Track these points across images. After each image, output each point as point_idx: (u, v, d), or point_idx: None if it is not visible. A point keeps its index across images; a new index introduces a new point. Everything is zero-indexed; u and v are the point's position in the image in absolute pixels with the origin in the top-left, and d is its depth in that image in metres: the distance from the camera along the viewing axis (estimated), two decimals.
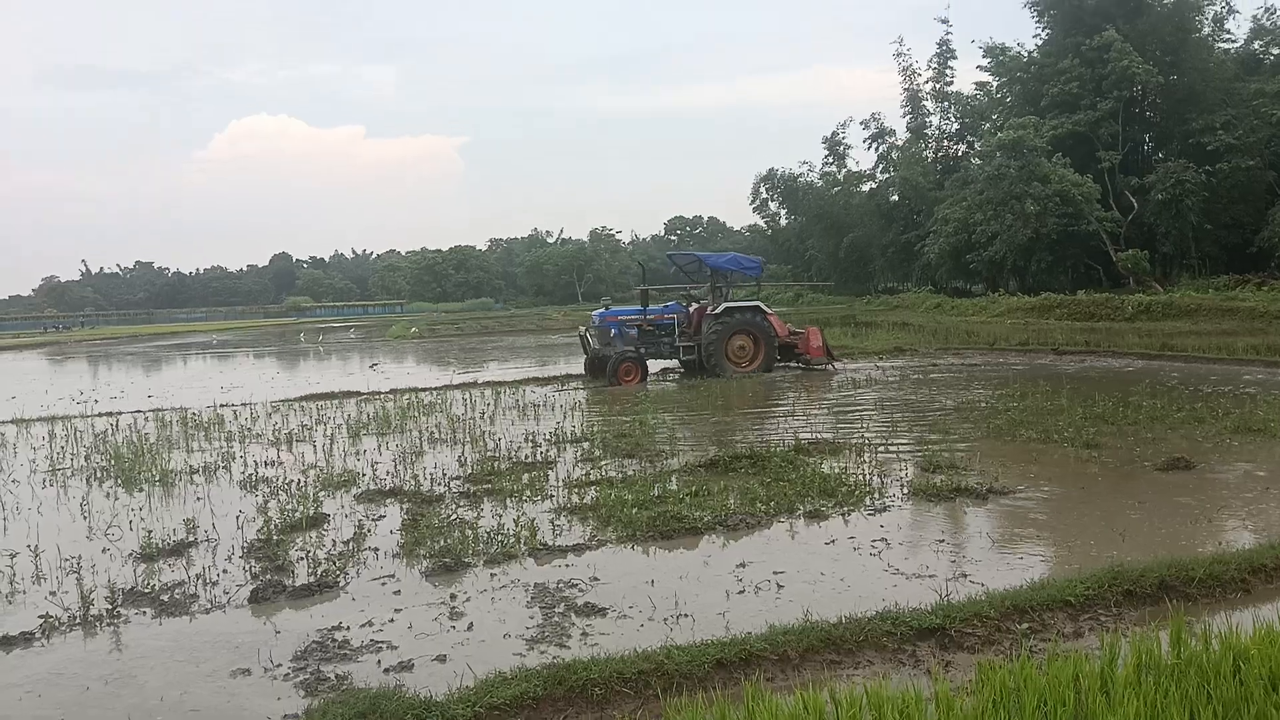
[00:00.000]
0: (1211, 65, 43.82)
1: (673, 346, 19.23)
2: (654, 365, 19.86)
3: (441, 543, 6.93)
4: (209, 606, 5.95)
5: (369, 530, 7.50)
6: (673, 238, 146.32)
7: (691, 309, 19.93)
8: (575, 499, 8.18)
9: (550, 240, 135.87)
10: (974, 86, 60.78)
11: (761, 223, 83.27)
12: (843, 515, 7.48)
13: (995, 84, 55.52)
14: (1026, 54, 50.97)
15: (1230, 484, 8.10)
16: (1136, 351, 19.65)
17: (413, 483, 9.10)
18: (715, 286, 20.19)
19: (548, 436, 11.60)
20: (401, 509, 8.14)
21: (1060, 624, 4.97)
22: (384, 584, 6.24)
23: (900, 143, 64.41)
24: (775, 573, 6.12)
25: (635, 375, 18.05)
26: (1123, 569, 5.42)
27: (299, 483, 9.32)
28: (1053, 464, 9.10)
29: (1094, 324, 29.43)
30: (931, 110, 63.11)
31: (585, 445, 10.97)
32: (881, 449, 10.10)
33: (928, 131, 63.44)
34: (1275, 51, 44.87)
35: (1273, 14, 46.09)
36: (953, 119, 62.76)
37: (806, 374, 18.56)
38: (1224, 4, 45.98)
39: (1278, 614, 4.59)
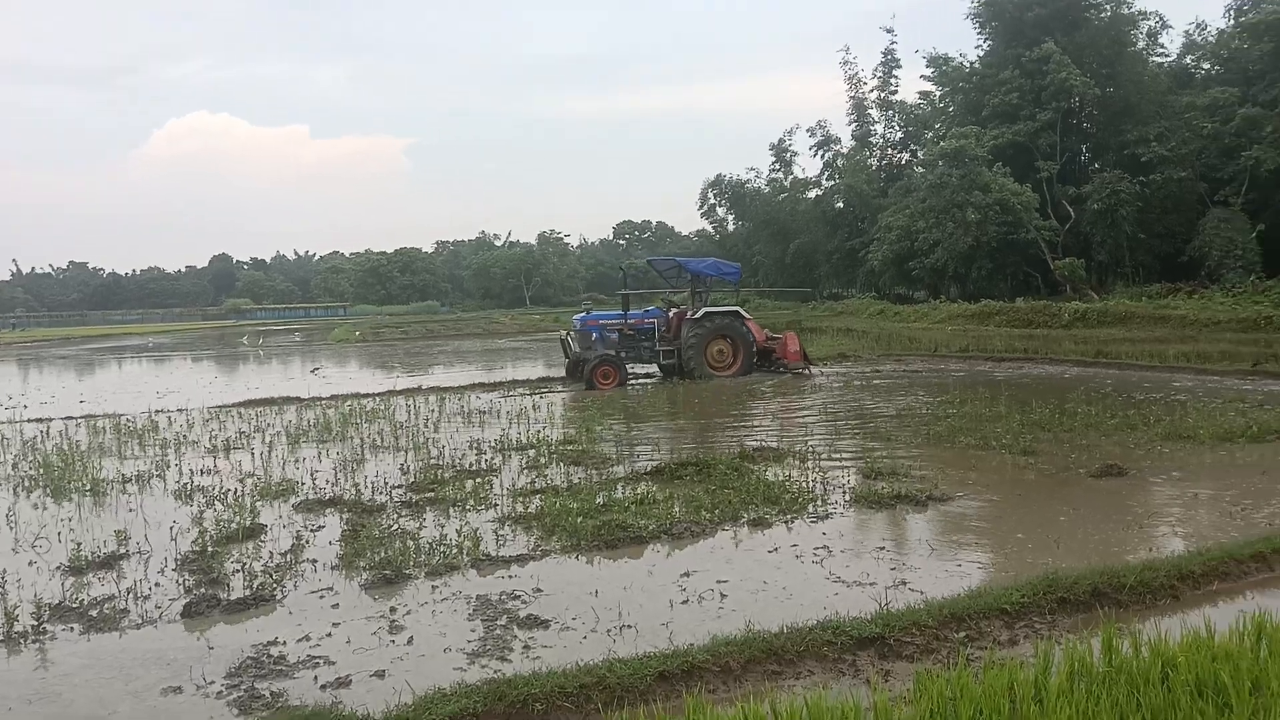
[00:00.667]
0: (1146, 78, 45.15)
1: (653, 351, 19.50)
2: (636, 370, 19.95)
3: (382, 554, 6.83)
4: (140, 621, 5.78)
5: (307, 541, 7.37)
6: (620, 242, 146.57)
7: (671, 314, 20.11)
8: (520, 508, 8.12)
9: (498, 243, 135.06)
10: (918, 96, 61.87)
11: (710, 228, 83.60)
12: (786, 523, 7.54)
13: (938, 94, 56.60)
14: (969, 65, 52.01)
15: (1161, 490, 8.33)
16: (1073, 359, 20.12)
17: (353, 492, 8.98)
18: (695, 291, 20.52)
19: (493, 443, 11.54)
20: (341, 519, 8.02)
21: (996, 632, 5.06)
22: (322, 597, 6.13)
23: (845, 150, 65.28)
24: (719, 582, 6.14)
25: (613, 378, 18.16)
26: (1057, 577, 5.54)
27: (236, 492, 9.14)
28: (991, 470, 9.27)
29: (1032, 331, 30.10)
30: (876, 119, 64.14)
31: (531, 453, 10.91)
32: (825, 456, 10.19)
33: (872, 140, 64.42)
34: (1205, 66, 46.46)
35: (1203, 29, 47.79)
36: (897, 128, 63.81)
37: (763, 380, 18.72)
38: (1158, 19, 47.57)
39: (1204, 621, 4.72)
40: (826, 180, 67.22)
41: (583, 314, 20.23)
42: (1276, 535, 6.35)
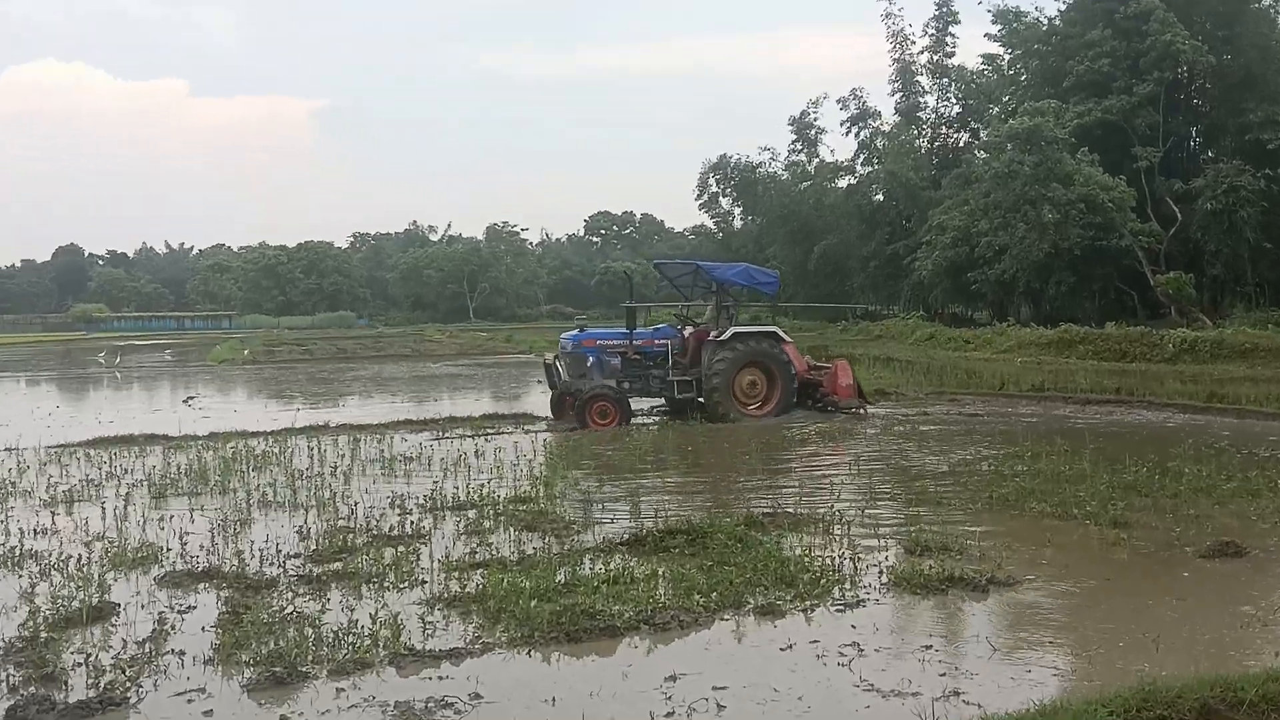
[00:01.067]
0: (1274, 43, 45.90)
1: (664, 380, 19.67)
2: (639, 405, 20.09)
3: (272, 645, 6.77)
4: None
5: (174, 626, 7.30)
6: (594, 239, 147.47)
7: (686, 333, 20.29)
8: (455, 586, 8.08)
9: (433, 238, 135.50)
10: (980, 60, 62.97)
11: (710, 223, 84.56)
12: (804, 611, 7.51)
13: (1007, 57, 57.53)
14: (1047, 21, 52.92)
15: None
16: (1178, 402, 20.32)
17: (235, 562, 8.91)
18: (722, 306, 20.60)
19: (421, 501, 11.50)
20: (219, 597, 7.95)
21: None
22: (191, 701, 6.06)
23: (887, 128, 66.16)
24: (715, 688, 6.11)
25: (613, 417, 18.37)
26: (1155, 688, 5.54)
27: (80, 560, 9.04)
28: (1071, 547, 9.29)
29: (1125, 365, 30.39)
30: (927, 88, 65.10)
31: (471, 513, 10.89)
32: (856, 523, 10.18)
33: (922, 115, 65.32)
34: None
35: None
36: (953, 100, 64.79)
37: (804, 422, 18.88)
38: None
39: None
40: (862, 165, 68.11)
41: (574, 332, 20.42)
42: None
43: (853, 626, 7.21)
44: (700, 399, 19.50)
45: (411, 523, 10.45)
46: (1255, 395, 20.43)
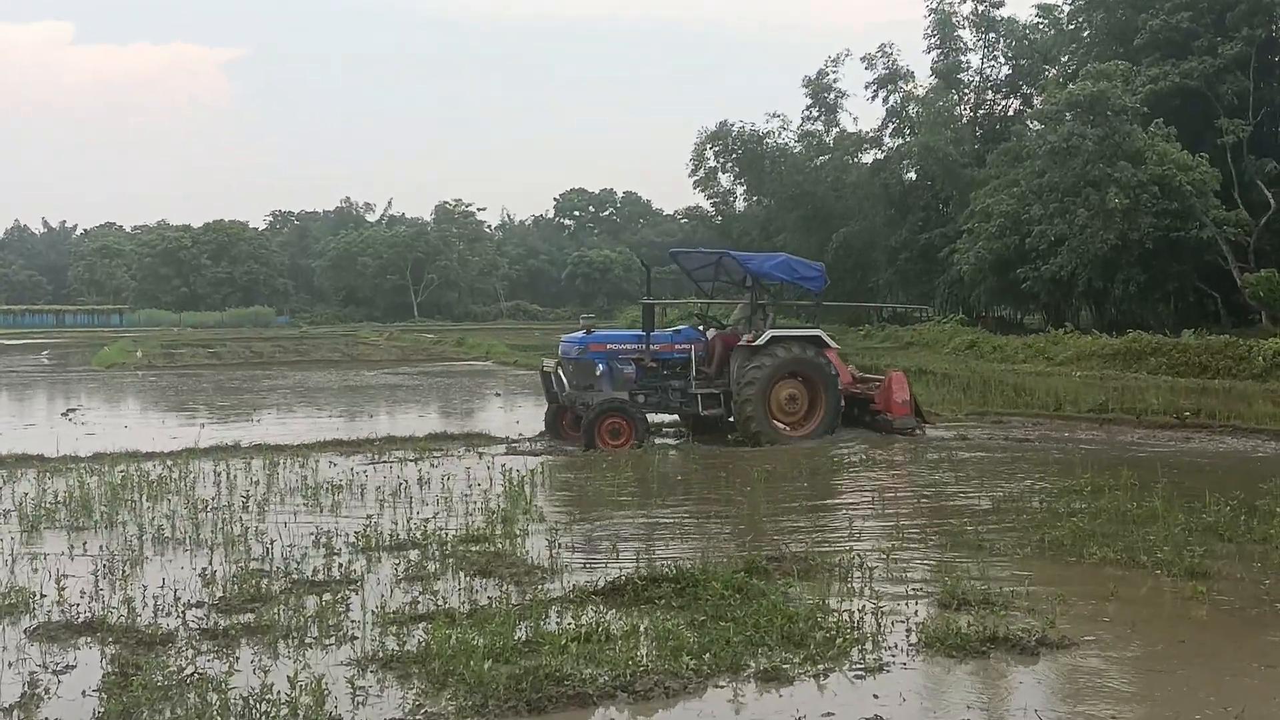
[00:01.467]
0: None
1: (685, 394, 19.76)
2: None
3: (168, 714, 6.75)
4: None
5: (47, 690, 7.28)
6: (567, 221, 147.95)
7: (709, 336, 20.43)
8: (392, 643, 8.06)
9: (370, 219, 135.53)
10: (1035, 12, 63.33)
11: (707, 204, 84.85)
12: (816, 678, 7.52)
13: (1067, 9, 57.89)
14: None
15: None
16: (1269, 428, 20.40)
17: (124, 611, 8.86)
18: (758, 304, 20.73)
19: (352, 539, 11.47)
20: (104, 655, 7.92)
21: None
22: None
23: (921, 92, 66.43)
24: None
25: (626, 435, 18.54)
26: None
27: None
28: (1139, 601, 9.34)
29: (1207, 382, 30.49)
30: (970, 45, 65.53)
31: (413, 554, 10.88)
32: (879, 570, 10.21)
33: (963, 77, 65.73)
34: None
35: None
36: (1002, 60, 65.22)
37: (850, 441, 19.28)
38: None
39: None
40: (891, 137, 68.57)
41: (580, 334, 20.47)
42: None
43: (875, 696, 7.21)
44: (729, 416, 19.62)
45: (340, 565, 10.39)
46: None
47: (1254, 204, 45.22)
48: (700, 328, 20.90)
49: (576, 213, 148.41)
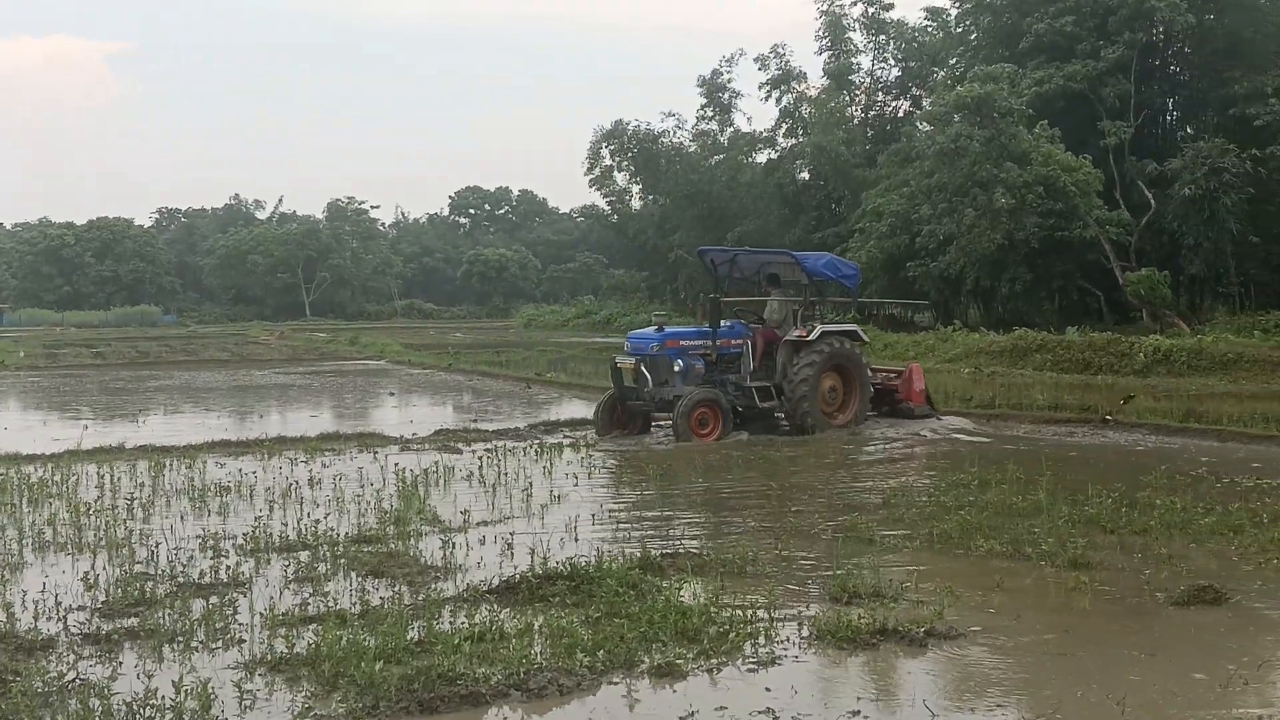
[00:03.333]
0: (1264, 3, 47.52)
1: (740, 387, 20.64)
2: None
3: None
4: None
5: None
6: (462, 220, 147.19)
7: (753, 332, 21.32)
8: (281, 646, 7.98)
9: (260, 216, 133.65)
10: (924, 15, 64.25)
11: (603, 203, 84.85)
12: (709, 672, 7.56)
13: (954, 12, 58.76)
14: None
15: (1278, 627, 8.72)
16: (1150, 422, 20.86)
17: (3, 617, 8.70)
18: (810, 301, 22.06)
19: (240, 541, 11.36)
20: None
21: None
22: None
23: (814, 93, 67.07)
24: None
25: (713, 427, 19.54)
26: None
27: None
28: (1024, 592, 9.50)
29: (1090, 378, 31.15)
30: (861, 47, 66.30)
31: (303, 555, 10.79)
32: (771, 565, 10.32)
33: (855, 79, 66.48)
34: None
35: None
36: (891, 61, 66.19)
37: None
38: None
39: None
40: (785, 137, 69.03)
41: (650, 330, 21.04)
42: None
43: (767, 689, 7.26)
44: (776, 410, 20.68)
45: (227, 568, 10.29)
46: (1238, 414, 21.01)
47: (1135, 204, 46.25)
48: (745, 323, 21.72)
49: (472, 211, 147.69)
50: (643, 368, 20.23)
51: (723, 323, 20.93)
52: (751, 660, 7.78)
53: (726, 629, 8.27)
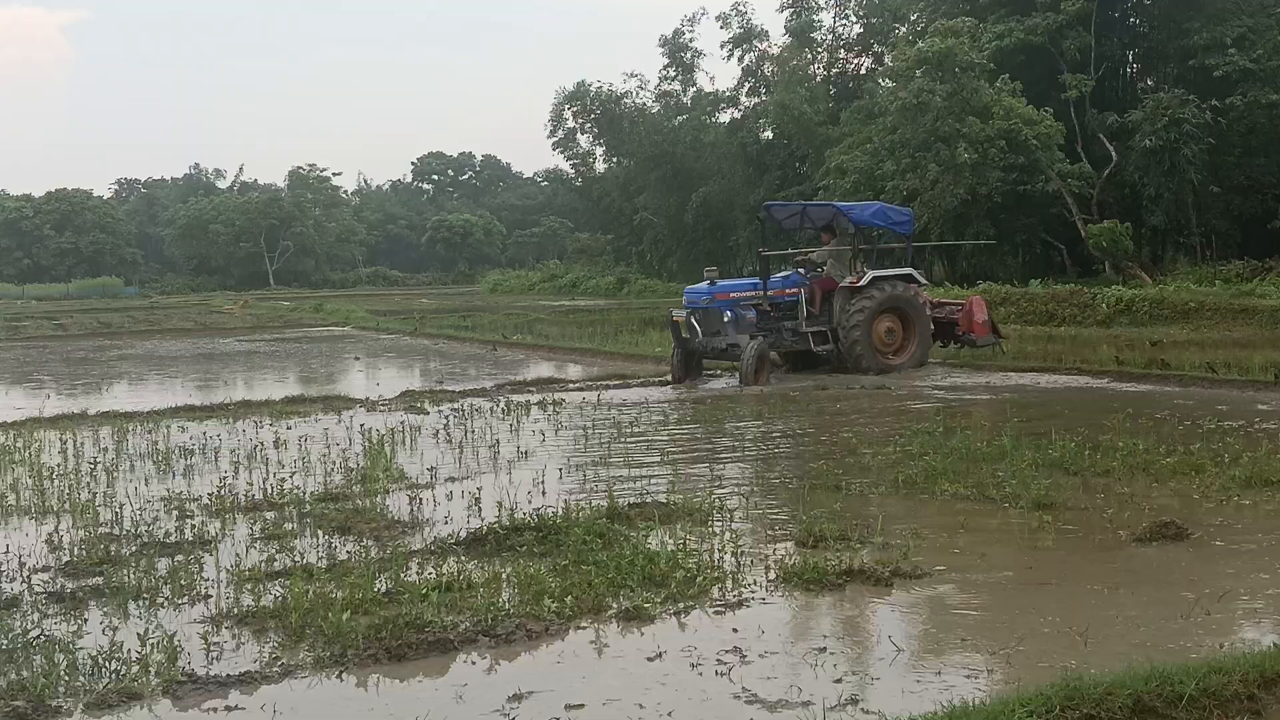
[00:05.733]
0: None
1: (796, 332, 22.12)
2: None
3: (13, 675, 6.63)
4: None
5: None
6: (425, 186, 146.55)
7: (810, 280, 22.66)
8: (249, 600, 8.01)
9: (221, 185, 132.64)
10: None
11: (567, 166, 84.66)
12: (677, 615, 7.62)
13: None
14: None
15: (1236, 560, 8.82)
16: (1113, 369, 21.11)
17: None
18: (860, 249, 23.21)
19: (206, 501, 11.36)
20: None
21: None
22: None
23: (776, 52, 66.93)
24: (569, 708, 6.15)
25: (763, 373, 20.86)
26: (1082, 685, 5.76)
27: None
28: (988, 533, 9.61)
29: (1054, 329, 31.42)
30: (823, 4, 66.11)
31: (270, 515, 10.79)
32: (739, 512, 10.41)
33: (816, 36, 66.31)
34: None
35: None
36: (853, 18, 65.98)
37: (674, 394, 20.66)
38: None
39: None
40: (748, 97, 68.84)
41: (705, 284, 22.20)
42: None
43: (734, 630, 7.32)
44: (835, 352, 22.01)
45: (193, 527, 10.26)
46: (1199, 361, 21.28)
47: (1096, 157, 46.48)
48: (802, 273, 22.91)
49: (436, 177, 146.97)
50: (693, 320, 21.43)
51: (782, 273, 22.68)
52: (719, 603, 7.84)
53: (694, 574, 8.32)
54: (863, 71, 66.07)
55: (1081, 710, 5.59)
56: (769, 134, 66.39)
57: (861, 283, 21.82)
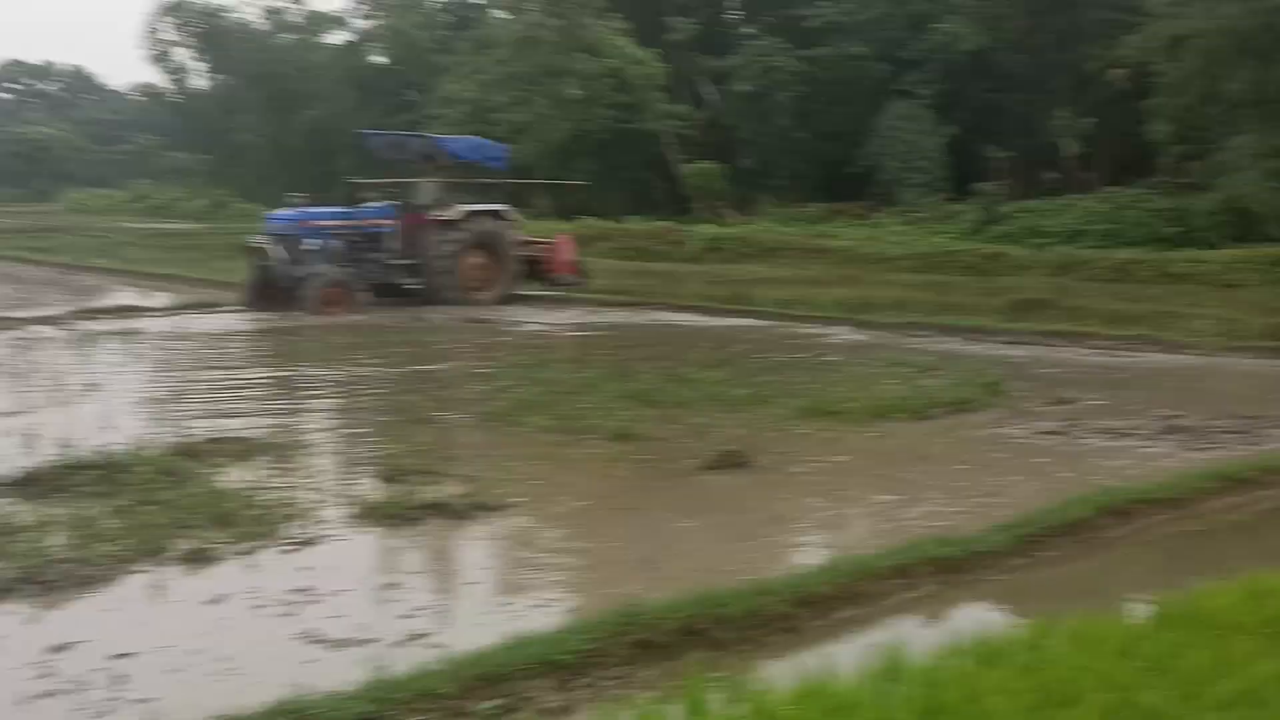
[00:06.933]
0: None
1: (384, 265, 21.63)
2: None
3: None
4: None
5: None
6: (5, 95, 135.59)
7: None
8: None
9: None
10: None
11: (163, 83, 79.98)
12: (243, 555, 7.44)
13: None
14: None
15: (792, 485, 9.40)
16: (699, 305, 22.01)
17: None
18: (456, 182, 23.12)
19: None
20: None
21: (544, 696, 5.39)
22: None
23: None
24: (117, 656, 5.93)
25: (343, 304, 20.08)
26: (637, 611, 5.98)
27: None
28: (570, 464, 9.85)
29: (650, 265, 32.32)
30: None
31: None
32: (324, 447, 10.35)
33: None
34: None
35: None
36: None
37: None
38: None
39: (827, 659, 5.33)
40: (362, 20, 67.12)
41: (288, 211, 21.60)
42: (925, 542, 7.37)
43: (305, 569, 7.24)
44: (422, 285, 21.69)
45: None
46: (779, 297, 22.42)
47: (699, 101, 48.10)
48: (396, 205, 22.49)
49: (20, 84, 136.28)
50: (276, 247, 20.74)
51: (376, 204, 22.27)
52: (289, 542, 7.68)
53: (266, 512, 8.12)
54: (481, 1, 65.70)
55: (636, 635, 5.81)
56: (384, 60, 65.11)
57: (452, 217, 21.81)
